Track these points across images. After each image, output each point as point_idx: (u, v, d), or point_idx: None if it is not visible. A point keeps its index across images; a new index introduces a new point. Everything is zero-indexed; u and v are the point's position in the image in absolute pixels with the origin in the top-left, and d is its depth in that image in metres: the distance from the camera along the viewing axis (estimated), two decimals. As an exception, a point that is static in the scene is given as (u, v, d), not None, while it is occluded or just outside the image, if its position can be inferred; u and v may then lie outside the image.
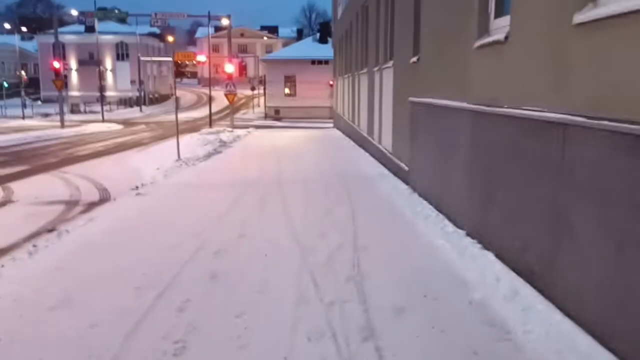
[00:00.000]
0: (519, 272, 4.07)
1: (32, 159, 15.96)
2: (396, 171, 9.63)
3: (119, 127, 33.07)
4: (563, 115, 3.41)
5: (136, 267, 4.76)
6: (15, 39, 67.08)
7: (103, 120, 35.37)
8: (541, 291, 3.64)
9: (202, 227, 6.21)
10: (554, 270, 3.54)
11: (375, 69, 12.48)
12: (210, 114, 26.68)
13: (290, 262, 4.84)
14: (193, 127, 28.99)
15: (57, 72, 29.13)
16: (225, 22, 27.80)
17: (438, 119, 6.77)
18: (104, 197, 9.72)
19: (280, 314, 3.66)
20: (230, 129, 23.29)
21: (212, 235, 5.89)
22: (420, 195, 7.60)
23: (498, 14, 5.04)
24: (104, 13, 28.68)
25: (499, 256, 4.49)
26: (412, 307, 3.63)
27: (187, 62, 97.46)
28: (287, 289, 4.13)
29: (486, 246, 4.81)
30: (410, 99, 8.33)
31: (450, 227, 5.73)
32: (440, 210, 6.45)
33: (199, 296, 4.03)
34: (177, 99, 13.79)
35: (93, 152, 18.02)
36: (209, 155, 14.26)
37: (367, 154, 13.44)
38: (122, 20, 65.75)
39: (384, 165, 10.96)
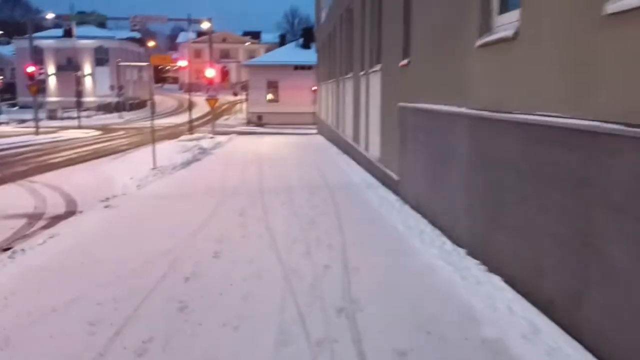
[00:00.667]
0: (534, 302, 3.54)
1: (0, 167, 15.12)
2: (385, 180, 9.11)
3: (97, 133, 32.13)
4: (591, 122, 2.90)
5: (94, 296, 4.13)
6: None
7: (80, 127, 34.37)
8: (566, 328, 3.11)
9: (174, 245, 5.60)
10: (580, 303, 3.01)
11: (362, 73, 11.98)
12: (191, 120, 25.96)
13: (271, 288, 4.26)
14: (173, 133, 28.24)
15: (31, 77, 28.15)
16: (206, 25, 27.14)
17: (430, 126, 6.26)
18: (71, 210, 9.02)
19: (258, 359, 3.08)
20: (211, 136, 22.62)
21: (184, 255, 5.28)
22: (412, 207, 7.07)
23: (503, 10, 4.55)
24: (81, 17, 27.79)
25: (508, 281, 3.96)
26: (416, 349, 3.07)
27: (168, 68, 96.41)
28: (267, 323, 3.55)
29: (492, 269, 4.29)
30: (400, 104, 7.83)
31: (449, 244, 5.21)
32: (435, 225, 5.93)
33: (163, 334, 3.42)
34: (153, 104, 13.12)
35: (66, 160, 17.22)
36: (187, 163, 13.60)
37: (353, 162, 12.92)
38: (100, 24, 64.60)
39: (372, 173, 10.44)
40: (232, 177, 10.86)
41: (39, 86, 28.70)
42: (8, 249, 6.09)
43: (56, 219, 8.23)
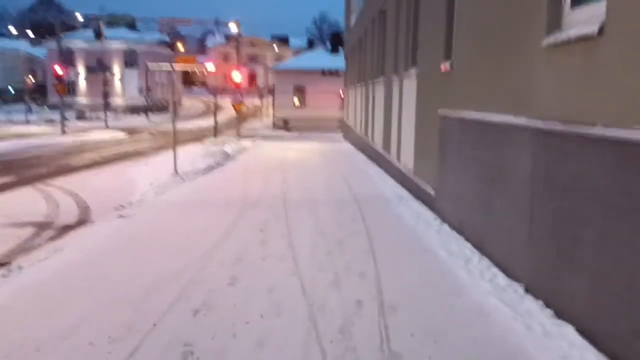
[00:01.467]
0: (628, 370, 2.78)
1: (21, 169, 14.84)
2: (418, 194, 8.36)
3: (123, 135, 32.05)
4: None
5: (86, 334, 3.52)
6: (24, 45, 66.77)
7: (107, 128, 34.38)
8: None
9: (186, 266, 4.98)
10: None
11: (395, 77, 11.26)
12: (216, 124, 25.56)
13: (293, 330, 3.58)
14: (198, 136, 27.91)
15: (58, 77, 28.19)
16: (233, 27, 26.75)
17: (480, 138, 5.51)
18: (83, 219, 8.52)
19: None
20: (235, 140, 22.14)
21: (196, 279, 4.64)
22: (452, 227, 6.32)
23: (575, 3, 3.79)
24: (110, 17, 27.69)
25: (586, 335, 3.20)
26: None
27: (196, 71, 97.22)
28: (287, 383, 2.87)
29: (562, 314, 3.53)
30: (440, 112, 7.08)
31: (501, 277, 4.45)
32: (483, 252, 5.17)
33: (159, 394, 2.77)
34: (174, 105, 12.62)
35: (88, 163, 16.89)
36: (209, 169, 13.06)
37: (382, 172, 12.19)
38: (130, 26, 65.33)
39: (403, 185, 9.70)
40: (255, 186, 10.24)
41: (66, 86, 28.63)
42: (5, 263, 5.55)
43: (66, 229, 7.72)
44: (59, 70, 27.18)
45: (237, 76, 25.79)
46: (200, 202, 8.51)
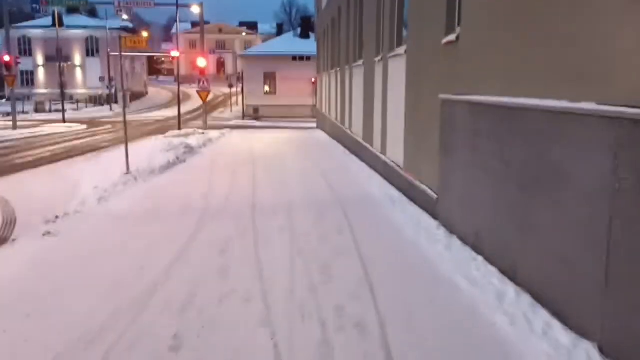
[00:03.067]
0: None
1: (-47, 170, 13.00)
2: (414, 195, 7.05)
3: (82, 127, 30.02)
4: None
5: None
6: (-23, 33, 63.00)
7: (64, 121, 32.20)
8: None
9: (113, 316, 3.55)
10: None
11: (377, 58, 9.87)
12: (179, 115, 23.81)
13: None
14: (163, 127, 26.17)
15: (7, 66, 25.93)
16: (196, 10, 24.95)
17: (506, 129, 4.18)
18: (2, 236, 6.93)
19: None
20: (201, 131, 20.50)
21: (123, 341, 3.23)
22: (464, 241, 5.01)
23: None
24: (60, 0, 25.52)
25: None
26: None
27: (163, 59, 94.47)
28: None
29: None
30: (442, 96, 5.74)
31: (558, 328, 3.15)
32: (518, 282, 3.86)
33: None
34: (124, 96, 11.02)
35: (33, 160, 15.08)
36: (168, 166, 11.50)
37: (365, 165, 10.85)
38: (90, 12, 62.26)
39: (392, 183, 8.38)
40: (219, 186, 8.78)
41: (15, 77, 26.40)
42: None
43: (-23, 251, 6.16)
44: (6, 58, 24.93)
45: (202, 62, 24.04)
46: (149, 212, 7.01)
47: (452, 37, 5.50)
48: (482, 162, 4.67)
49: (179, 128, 22.24)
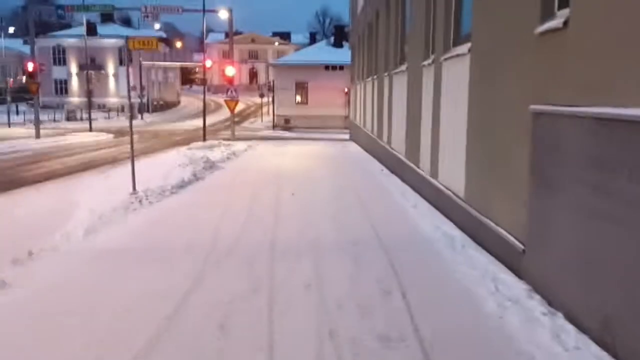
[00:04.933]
0: None
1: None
2: (481, 236, 5.39)
3: (109, 136, 29.26)
4: None
5: None
6: (18, 43, 64.18)
7: (90, 129, 31.52)
8: None
9: None
10: None
11: (426, 62, 8.25)
12: (205, 126, 22.59)
13: None
14: (191, 137, 25.04)
15: (30, 75, 25.26)
16: (224, 15, 23.80)
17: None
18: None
19: None
20: (227, 143, 19.18)
21: None
22: (579, 326, 3.32)
23: None
24: (86, 7, 24.76)
25: None
26: None
27: (197, 69, 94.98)
28: None
29: None
30: (536, 107, 4.09)
31: None
32: None
33: None
34: (131, 106, 9.70)
35: (43, 173, 13.94)
36: (182, 185, 10.08)
37: (407, 188, 9.20)
38: (124, 21, 62.50)
39: (446, 215, 6.72)
40: (235, 214, 7.27)
41: (39, 84, 25.70)
42: None
43: None
44: (30, 66, 24.23)
45: (231, 70, 22.85)
46: (141, 252, 5.51)
47: (554, 23, 3.86)
48: (617, 211, 2.99)
49: (204, 139, 20.99)
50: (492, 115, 5.27)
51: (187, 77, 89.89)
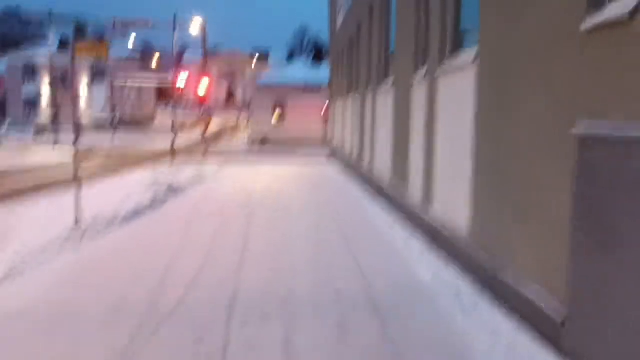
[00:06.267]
0: None
1: None
2: (497, 293, 4.24)
3: (71, 156, 27.57)
4: None
5: None
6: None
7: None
8: None
9: None
10: None
11: (418, 76, 7.17)
12: (173, 145, 21.26)
13: None
14: (162, 156, 23.64)
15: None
16: (196, 26, 22.64)
17: None
18: None
19: None
20: (197, 164, 17.87)
21: None
22: None
23: None
24: (55, 18, 23.32)
25: None
26: None
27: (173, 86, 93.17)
28: None
29: None
30: (583, 132, 2.98)
31: None
32: None
33: None
34: (77, 125, 8.40)
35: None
36: (137, 213, 8.78)
37: (395, 219, 8.05)
38: (99, 37, 60.85)
39: (446, 257, 5.57)
40: (190, 256, 6.00)
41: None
42: None
43: None
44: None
45: (204, 86, 21.59)
46: (50, 320, 4.18)
47: (612, 14, 2.77)
48: None
49: (172, 159, 19.64)
50: (510, 141, 4.16)
51: (163, 94, 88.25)
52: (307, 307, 4.30)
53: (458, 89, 5.43)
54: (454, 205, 5.47)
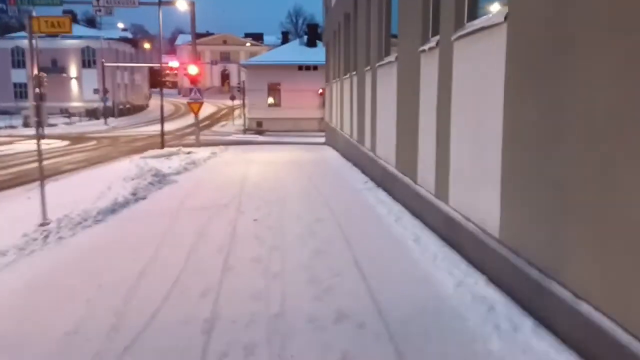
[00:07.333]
0: None
1: None
2: (545, 312, 3.39)
3: (63, 144, 26.82)
4: None
5: None
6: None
7: (42, 137, 28.68)
8: None
9: None
10: None
11: (425, 47, 6.24)
12: (162, 131, 20.27)
13: None
14: (153, 143, 22.68)
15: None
16: (182, 7, 21.52)
17: None
18: None
19: None
20: (187, 150, 16.94)
21: None
22: None
23: None
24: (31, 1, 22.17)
25: None
26: None
27: (167, 72, 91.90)
28: None
29: None
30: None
31: None
32: None
33: None
34: (39, 108, 7.52)
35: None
36: (114, 209, 7.88)
37: (401, 208, 7.18)
38: (88, 21, 59.49)
39: (468, 258, 4.72)
40: (170, 258, 5.15)
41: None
42: None
43: None
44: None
45: (194, 69, 20.56)
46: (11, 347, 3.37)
47: None
48: None
49: (162, 146, 18.71)
50: (559, 120, 3.28)
51: (156, 80, 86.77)
52: (301, 332, 3.45)
53: (475, 57, 4.53)
54: (477, 200, 4.61)
